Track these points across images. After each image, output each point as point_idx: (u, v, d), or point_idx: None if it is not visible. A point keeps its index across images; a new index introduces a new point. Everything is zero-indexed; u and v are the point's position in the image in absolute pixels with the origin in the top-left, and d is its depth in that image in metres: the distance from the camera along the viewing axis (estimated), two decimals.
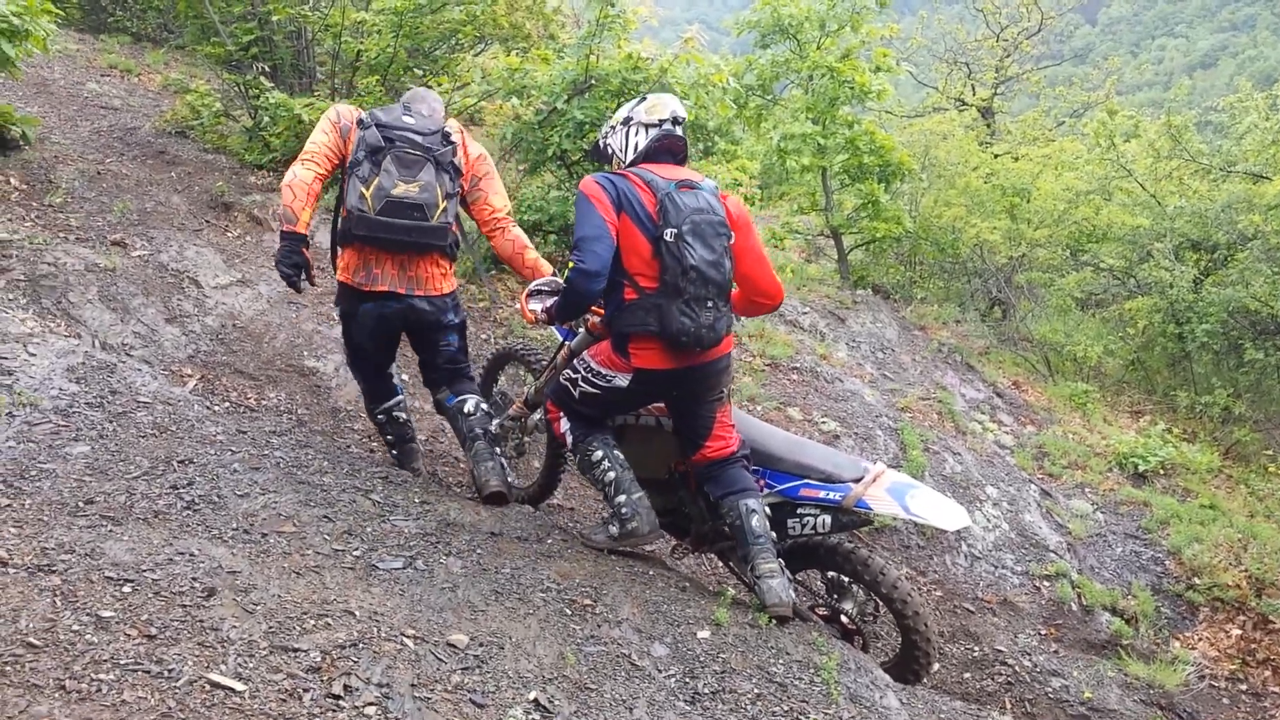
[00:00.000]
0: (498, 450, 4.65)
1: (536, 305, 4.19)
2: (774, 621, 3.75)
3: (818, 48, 10.09)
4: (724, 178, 7.24)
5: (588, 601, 3.60)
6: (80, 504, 3.36)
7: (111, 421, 4.04)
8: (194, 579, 3.04)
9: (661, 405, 4.23)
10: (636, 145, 3.99)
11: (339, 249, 4.37)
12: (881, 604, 4.07)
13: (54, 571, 2.91)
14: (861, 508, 3.88)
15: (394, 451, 4.92)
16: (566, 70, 7.11)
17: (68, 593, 2.84)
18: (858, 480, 3.94)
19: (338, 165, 4.31)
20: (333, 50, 9.34)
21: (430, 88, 9.52)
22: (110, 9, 13.22)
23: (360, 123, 4.19)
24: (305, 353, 6.17)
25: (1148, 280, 11.42)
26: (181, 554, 3.17)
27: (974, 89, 19.96)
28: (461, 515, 4.11)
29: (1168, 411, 10.47)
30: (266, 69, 9.12)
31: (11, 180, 6.91)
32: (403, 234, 4.14)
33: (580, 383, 4.01)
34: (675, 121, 4.01)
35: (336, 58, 9.35)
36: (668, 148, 3.99)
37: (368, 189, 4.06)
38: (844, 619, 4.16)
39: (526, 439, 5.17)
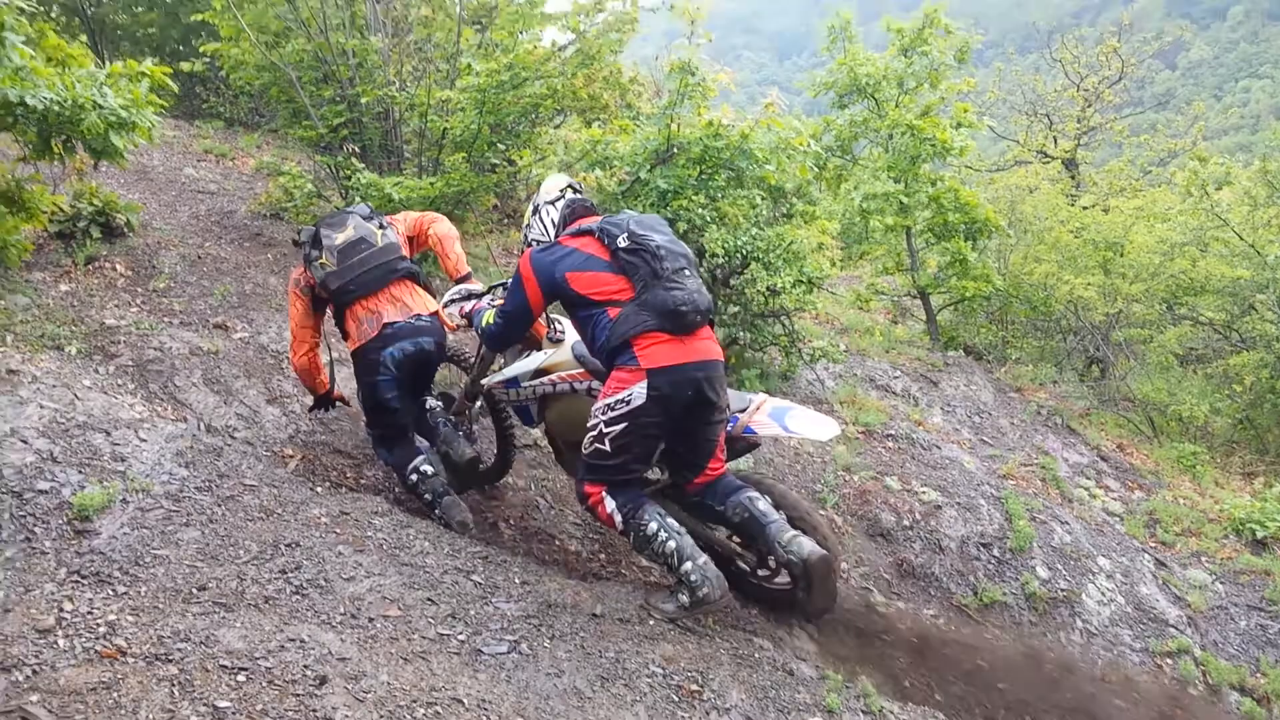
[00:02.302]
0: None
1: (454, 310, 4.88)
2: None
3: (896, 106, 10.04)
4: (808, 241, 7.18)
5: (695, 687, 3.52)
6: (193, 590, 3.40)
7: (220, 505, 4.10)
8: (305, 666, 3.04)
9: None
10: (553, 221, 4.44)
11: (343, 329, 5.04)
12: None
13: (171, 660, 2.94)
14: (749, 433, 4.29)
15: (436, 510, 4.99)
16: (648, 140, 7.17)
17: (185, 682, 2.86)
18: (743, 410, 4.29)
19: (318, 322, 5.15)
20: (419, 129, 9.58)
21: (512, 162, 9.73)
22: (204, 95, 13.80)
23: (305, 259, 5.00)
24: None
25: (1252, 334, 11.00)
26: (293, 640, 3.17)
27: (1055, 140, 19.67)
28: (562, 596, 4.07)
29: None
30: (356, 150, 9.39)
31: (118, 267, 7.17)
32: (364, 266, 4.86)
33: (604, 427, 4.00)
34: (572, 189, 4.53)
35: (423, 136, 9.59)
36: (577, 212, 4.44)
37: (324, 256, 4.86)
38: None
39: (475, 427, 5.65)
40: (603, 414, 3.99)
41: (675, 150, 7.12)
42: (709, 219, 6.92)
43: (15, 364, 4.75)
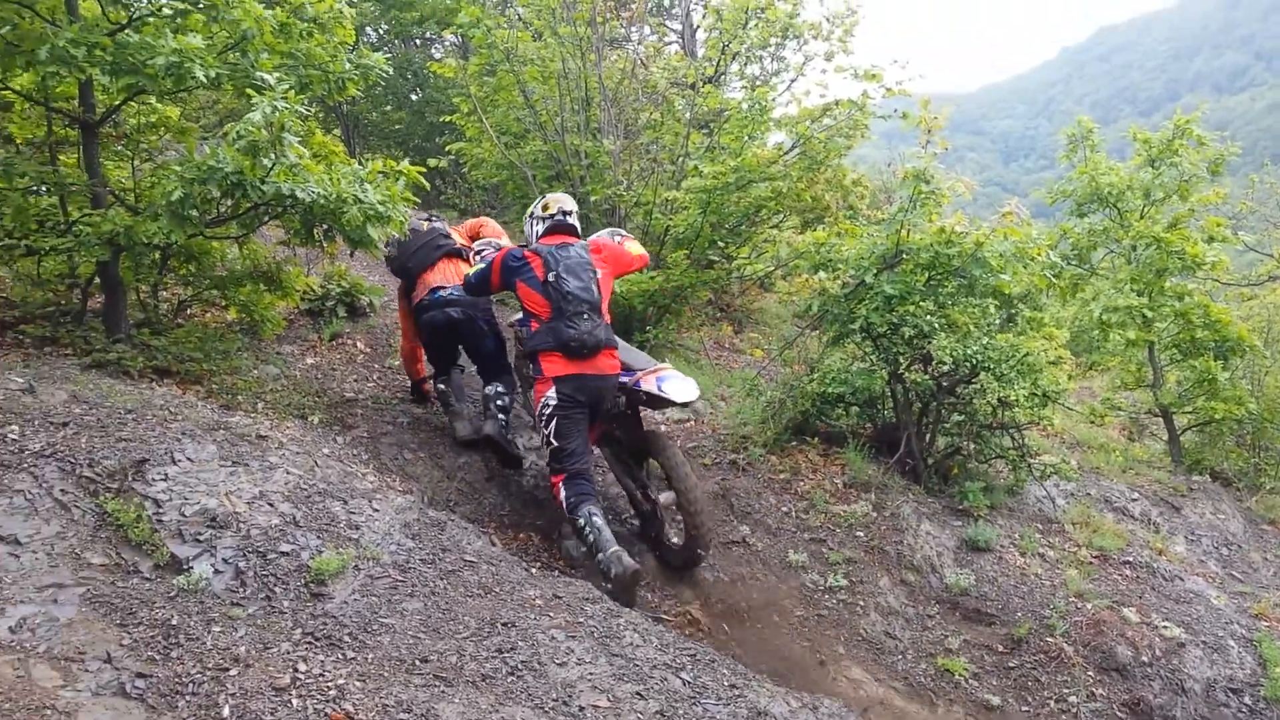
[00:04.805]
0: (501, 416, 6.23)
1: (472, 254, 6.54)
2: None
3: (1141, 217, 9.52)
4: (1044, 354, 6.81)
5: None
6: (416, 661, 3.45)
7: (442, 579, 4.18)
8: None
9: None
10: (537, 232, 5.85)
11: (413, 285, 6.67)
12: (682, 504, 5.46)
13: None
14: (636, 388, 5.55)
15: (449, 413, 6.63)
16: (876, 245, 7.05)
17: None
18: (642, 370, 5.62)
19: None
20: (643, 225, 9.83)
21: (730, 259, 9.78)
22: (442, 188, 14.73)
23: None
24: (611, 517, 6.23)
25: None
26: None
27: None
28: (772, 704, 3.90)
29: None
30: None
31: (359, 344, 7.63)
32: (426, 242, 6.65)
33: (544, 428, 5.44)
34: (564, 213, 5.83)
35: (647, 232, 9.83)
36: (559, 230, 5.79)
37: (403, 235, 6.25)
38: (651, 506, 5.79)
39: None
40: (539, 419, 5.47)
41: (903, 256, 6.97)
42: (937, 326, 6.69)
43: (265, 430, 5.06)
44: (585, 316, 5.28)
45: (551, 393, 5.33)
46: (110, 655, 3.11)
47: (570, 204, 5.90)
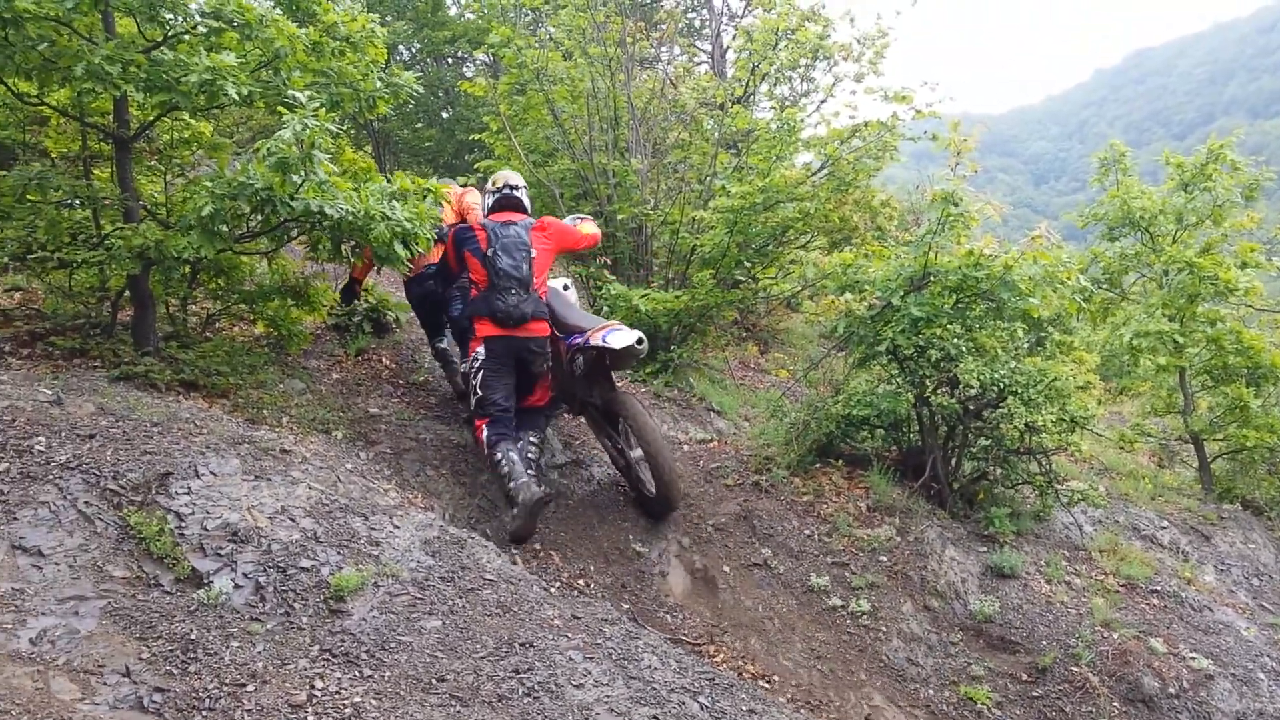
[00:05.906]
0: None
1: None
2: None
3: (1174, 241, 9.43)
4: (1072, 379, 6.74)
5: None
6: (433, 681, 3.44)
7: (461, 597, 4.17)
8: None
9: None
10: (487, 205, 6.48)
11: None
12: (646, 454, 6.05)
13: None
14: (587, 346, 6.00)
15: (448, 370, 7.33)
16: (903, 267, 7.01)
17: None
18: (592, 328, 6.06)
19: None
20: (670, 244, 9.84)
21: (755, 279, 9.75)
22: None
23: None
24: (631, 537, 6.22)
25: None
26: None
27: None
28: None
29: None
30: (608, 261, 9.74)
31: (384, 359, 7.66)
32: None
33: (473, 375, 6.13)
34: (510, 187, 6.40)
35: (673, 251, 9.83)
36: (506, 205, 6.38)
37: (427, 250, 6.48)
38: (627, 462, 6.41)
39: None
40: (469, 371, 6.23)
41: (931, 278, 6.92)
42: (964, 349, 6.63)
43: (289, 444, 5.08)
44: (513, 291, 5.98)
45: (481, 349, 6.06)
46: (129, 669, 3.12)
47: (516, 179, 6.48)
